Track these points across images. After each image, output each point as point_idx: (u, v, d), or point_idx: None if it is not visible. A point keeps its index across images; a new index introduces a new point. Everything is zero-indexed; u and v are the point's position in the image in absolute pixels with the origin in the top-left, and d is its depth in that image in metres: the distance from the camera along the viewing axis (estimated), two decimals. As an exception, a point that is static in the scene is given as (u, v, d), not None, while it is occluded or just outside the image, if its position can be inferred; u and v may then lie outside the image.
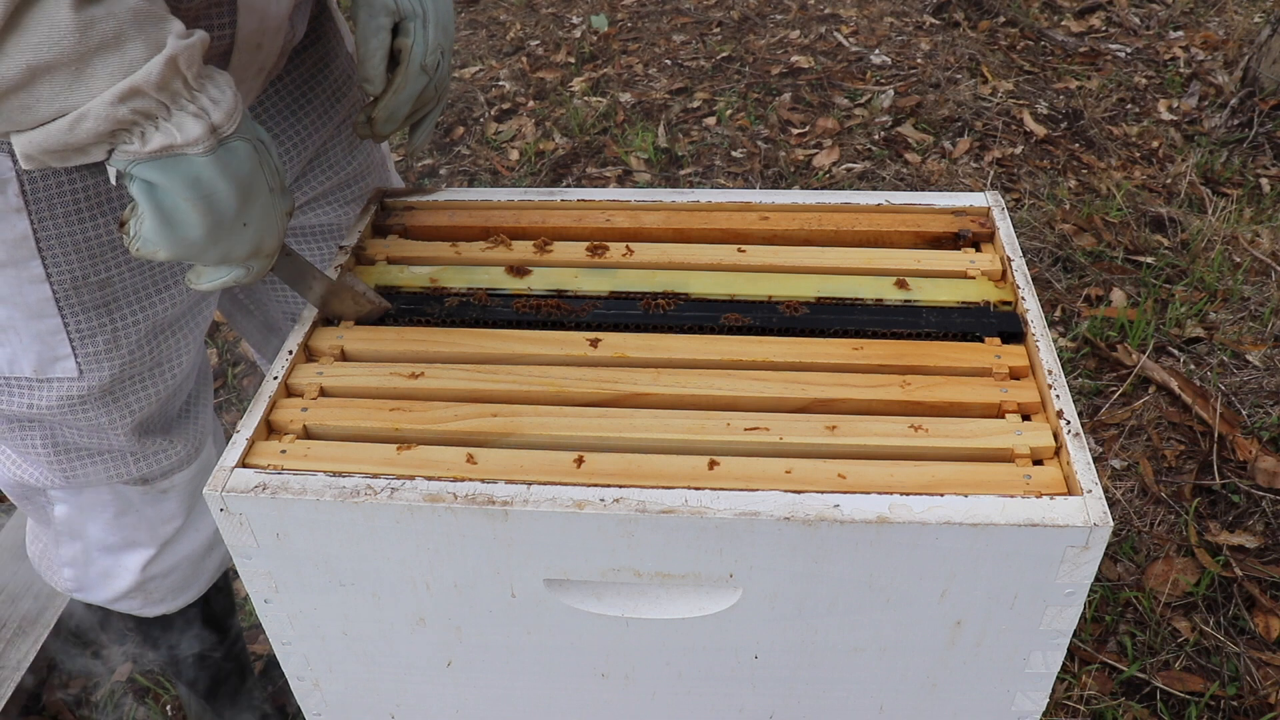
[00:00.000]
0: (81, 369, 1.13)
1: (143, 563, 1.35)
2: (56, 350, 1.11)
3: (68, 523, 1.31)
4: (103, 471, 1.24)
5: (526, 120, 3.65)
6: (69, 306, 1.09)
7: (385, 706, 1.10)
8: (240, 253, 0.94)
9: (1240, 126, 3.43)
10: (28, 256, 1.05)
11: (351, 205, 1.37)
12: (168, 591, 1.41)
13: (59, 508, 1.30)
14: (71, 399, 1.15)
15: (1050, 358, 0.99)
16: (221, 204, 0.88)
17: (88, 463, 1.23)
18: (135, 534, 1.32)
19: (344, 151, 1.34)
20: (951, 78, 3.76)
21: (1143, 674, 1.86)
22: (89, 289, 1.09)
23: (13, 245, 1.03)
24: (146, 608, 1.42)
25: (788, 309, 1.09)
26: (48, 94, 0.80)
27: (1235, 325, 2.63)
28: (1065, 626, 0.92)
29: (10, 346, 1.11)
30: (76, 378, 1.13)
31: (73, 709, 1.88)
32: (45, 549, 1.38)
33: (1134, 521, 2.14)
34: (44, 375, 1.13)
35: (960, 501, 0.85)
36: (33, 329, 1.09)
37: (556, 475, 0.90)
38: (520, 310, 1.10)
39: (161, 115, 0.84)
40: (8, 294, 1.07)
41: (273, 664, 1.89)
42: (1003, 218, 1.19)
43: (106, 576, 1.36)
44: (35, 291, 1.07)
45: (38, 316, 1.09)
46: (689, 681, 1.02)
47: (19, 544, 2.00)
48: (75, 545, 1.33)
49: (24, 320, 1.09)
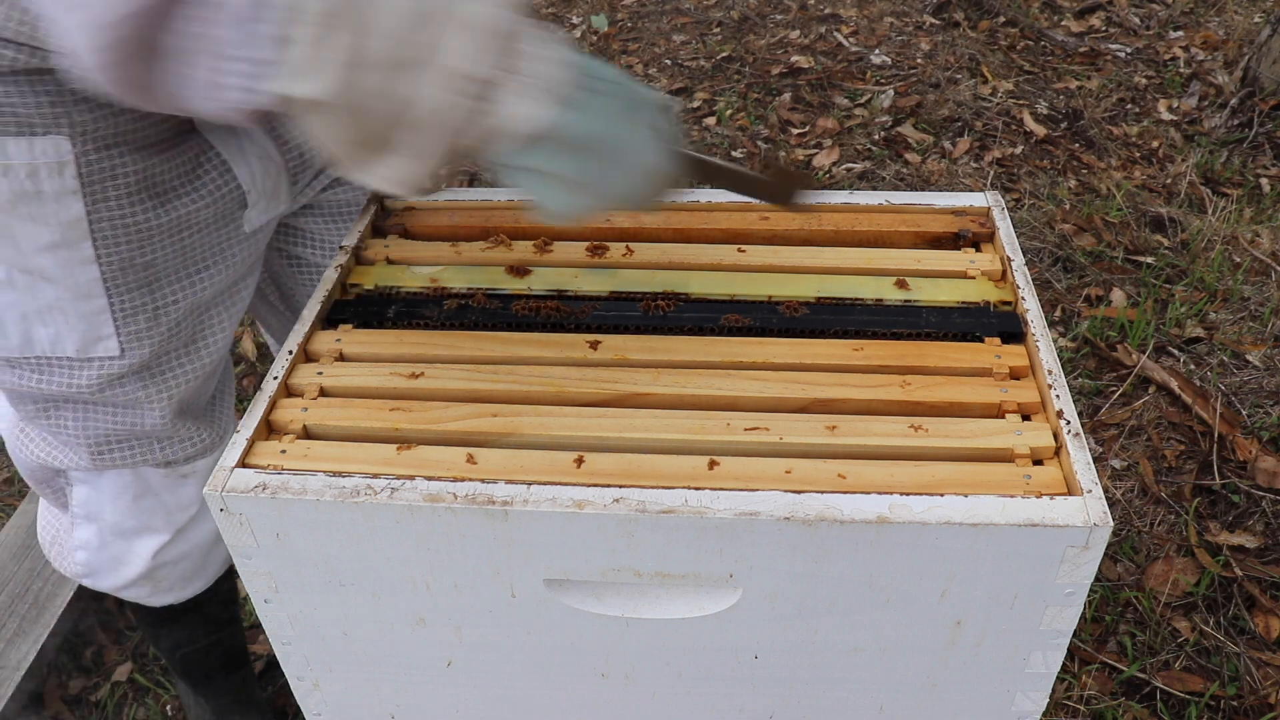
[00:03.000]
0: (123, 348, 1.14)
1: (155, 549, 1.35)
2: (100, 330, 1.13)
3: (85, 505, 1.32)
4: (131, 453, 1.25)
5: (526, 120, 3.64)
6: (115, 287, 1.11)
7: (385, 707, 1.10)
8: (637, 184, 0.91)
9: (1240, 126, 3.43)
10: (80, 238, 1.06)
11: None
12: (176, 580, 1.41)
13: (78, 489, 1.31)
14: (111, 377, 1.16)
15: (1050, 358, 0.99)
16: (592, 158, 0.87)
17: (117, 444, 1.24)
18: (151, 519, 1.33)
19: None
20: (951, 78, 3.76)
21: (1143, 674, 1.86)
22: (135, 270, 1.11)
23: (67, 227, 1.05)
24: (154, 596, 1.42)
25: (788, 309, 1.09)
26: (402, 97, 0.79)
27: (1235, 325, 2.63)
28: (1065, 626, 0.92)
29: (55, 326, 1.12)
30: (118, 356, 1.15)
31: (73, 709, 1.88)
32: (58, 534, 1.39)
33: (1134, 521, 2.14)
34: (86, 355, 1.14)
35: (960, 501, 0.85)
36: (79, 309, 1.11)
37: (556, 475, 0.90)
38: (520, 312, 1.10)
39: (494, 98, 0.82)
40: (58, 275, 1.08)
41: (273, 664, 1.90)
42: (1003, 218, 1.20)
43: (118, 562, 1.37)
44: (85, 273, 1.08)
45: (85, 297, 1.10)
46: (689, 681, 1.02)
47: (19, 544, 2.00)
48: (90, 528, 1.34)
49: (71, 301, 1.10)
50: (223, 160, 1.14)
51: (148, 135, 1.06)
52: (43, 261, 1.07)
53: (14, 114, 0.97)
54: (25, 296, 1.10)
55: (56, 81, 0.97)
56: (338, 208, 1.36)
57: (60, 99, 0.98)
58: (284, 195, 1.25)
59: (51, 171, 1.00)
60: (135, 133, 1.05)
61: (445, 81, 0.79)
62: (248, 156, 1.17)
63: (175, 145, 1.10)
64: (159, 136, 1.08)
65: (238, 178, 1.16)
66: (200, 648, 1.63)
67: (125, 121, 1.03)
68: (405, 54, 0.78)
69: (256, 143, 1.18)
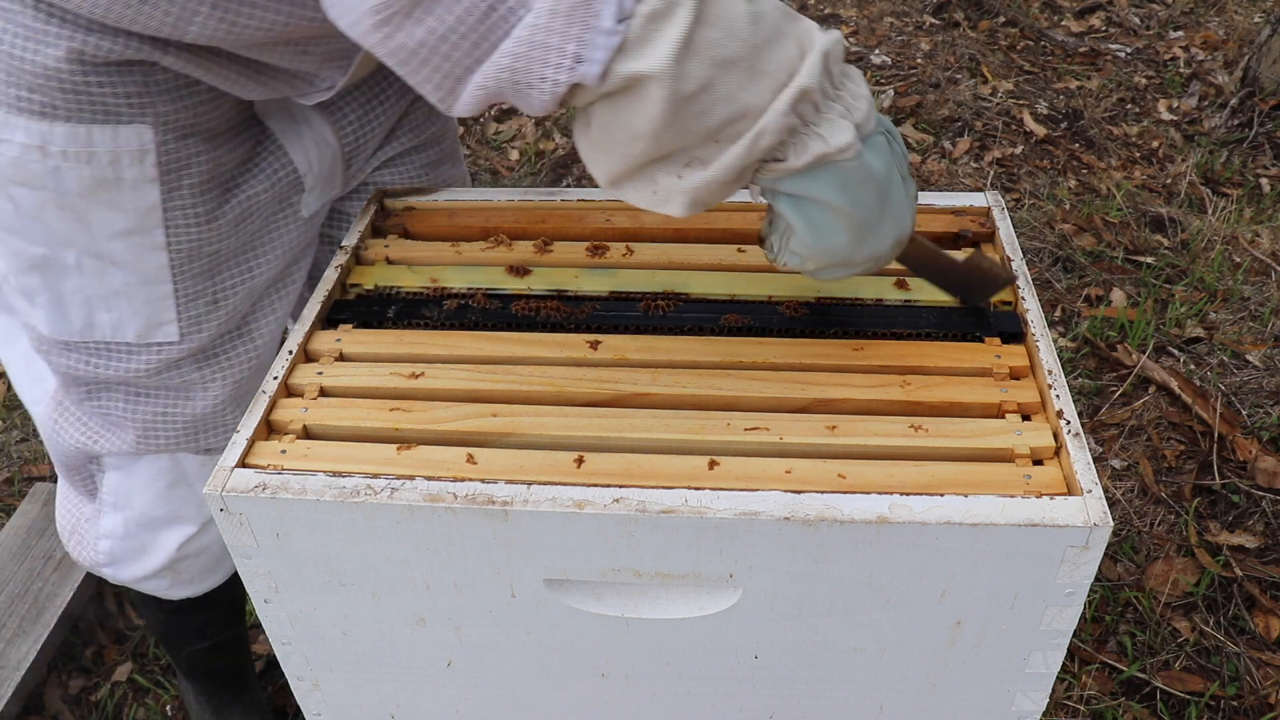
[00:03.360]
0: (183, 333, 1.17)
1: (181, 540, 1.36)
2: (162, 316, 1.15)
3: (115, 492, 1.32)
4: (176, 438, 1.26)
5: (526, 120, 3.65)
6: (181, 274, 1.13)
7: (385, 707, 1.10)
8: (884, 248, 0.91)
9: (1240, 126, 3.43)
10: (153, 225, 1.08)
11: (425, 168, 1.39)
12: (196, 573, 1.42)
13: (110, 476, 1.31)
14: (167, 362, 1.18)
15: (1050, 358, 0.99)
16: (868, 205, 0.85)
17: (163, 427, 1.25)
18: (182, 508, 1.34)
19: (426, 113, 1.36)
20: (951, 78, 3.76)
21: (1143, 674, 1.86)
22: (201, 258, 1.13)
23: (142, 214, 1.07)
24: (174, 588, 1.43)
25: (788, 309, 1.09)
26: (725, 94, 0.76)
27: (1235, 325, 2.63)
28: (1065, 626, 0.92)
29: (118, 312, 1.14)
30: (177, 341, 1.17)
31: (73, 709, 1.88)
32: (79, 523, 1.39)
33: (1134, 521, 2.14)
34: (146, 340, 1.16)
35: (960, 501, 0.85)
36: (145, 295, 1.13)
37: (556, 475, 0.90)
38: (520, 312, 1.10)
39: (813, 121, 0.80)
40: (128, 261, 1.10)
41: (273, 664, 1.90)
42: (1003, 218, 1.19)
43: (142, 551, 1.37)
44: (154, 259, 1.11)
45: (152, 283, 1.12)
46: (689, 681, 1.02)
47: (19, 544, 2.00)
48: (118, 517, 1.34)
49: (138, 286, 1.12)
50: (279, 145, 1.17)
51: (218, 124, 1.09)
52: (114, 247, 1.09)
53: (102, 103, 1.00)
54: (92, 281, 1.12)
55: (143, 72, 1.00)
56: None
57: (146, 89, 1.01)
58: (338, 180, 1.27)
59: (133, 159, 1.03)
60: (209, 122, 1.07)
61: (776, 89, 0.77)
62: (304, 142, 1.19)
63: (239, 134, 1.13)
64: (227, 125, 1.11)
65: (294, 162, 1.18)
66: (208, 647, 1.64)
67: (202, 112, 1.06)
68: (738, 52, 0.75)
69: (314, 128, 1.20)
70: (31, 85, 0.97)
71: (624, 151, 0.80)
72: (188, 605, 1.50)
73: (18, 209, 1.06)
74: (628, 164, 0.81)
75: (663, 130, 0.77)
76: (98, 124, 1.00)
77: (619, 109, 0.78)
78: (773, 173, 0.82)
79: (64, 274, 1.11)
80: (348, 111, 1.24)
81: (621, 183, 0.84)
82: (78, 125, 1.00)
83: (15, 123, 0.99)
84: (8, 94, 0.98)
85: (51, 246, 1.09)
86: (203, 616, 1.58)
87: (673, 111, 0.76)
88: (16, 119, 0.99)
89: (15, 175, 1.02)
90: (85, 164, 1.02)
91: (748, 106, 0.77)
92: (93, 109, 1.00)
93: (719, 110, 0.77)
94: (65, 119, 0.99)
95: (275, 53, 1.03)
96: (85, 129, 1.00)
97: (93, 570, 1.42)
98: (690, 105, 0.76)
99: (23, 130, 1.00)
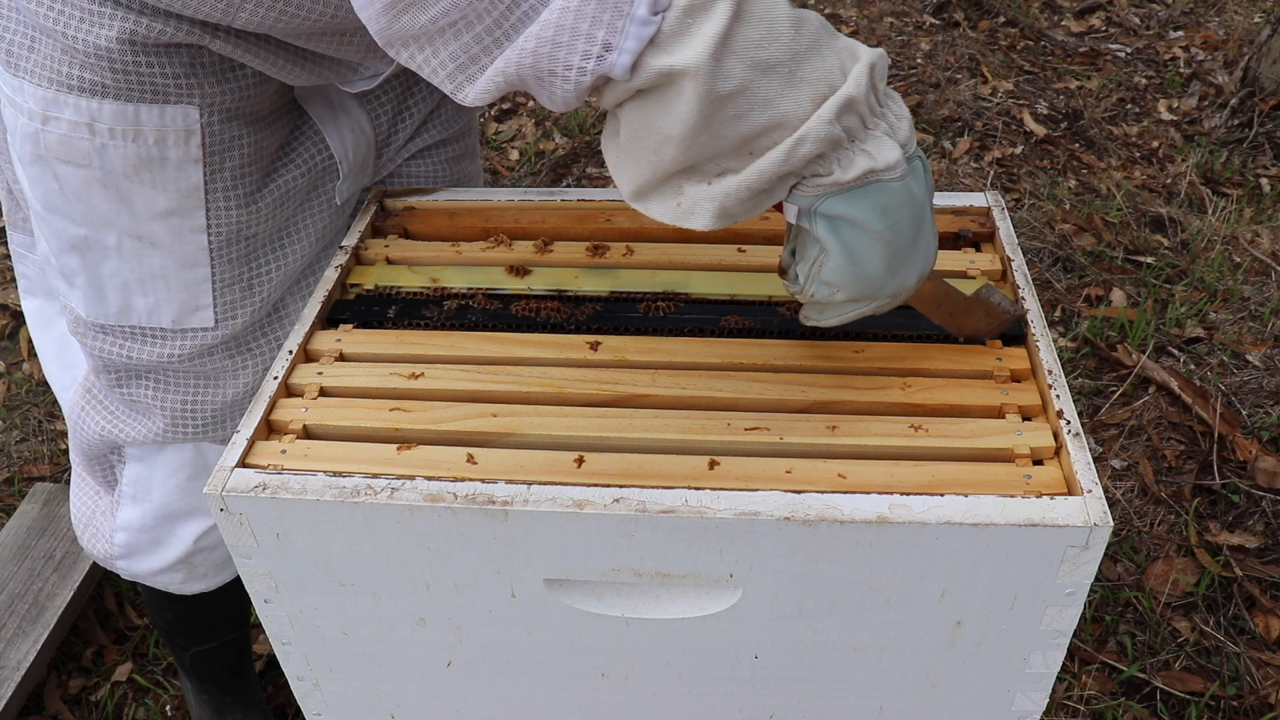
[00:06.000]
0: (217, 319, 1.17)
1: (198, 533, 1.36)
2: (199, 300, 1.16)
3: (135, 484, 1.32)
4: (203, 427, 1.26)
5: (526, 120, 3.65)
6: (219, 258, 1.14)
7: (385, 706, 1.10)
8: (911, 281, 0.86)
9: (1240, 126, 3.43)
10: (195, 207, 1.10)
11: (450, 162, 1.40)
12: (211, 567, 1.42)
13: (131, 467, 1.32)
14: (201, 348, 1.19)
15: (1050, 358, 0.99)
16: (905, 232, 0.81)
17: (192, 415, 1.25)
18: (201, 500, 1.34)
19: (455, 108, 1.36)
20: (951, 78, 3.76)
21: (1143, 674, 1.86)
22: (239, 242, 1.14)
23: (185, 195, 1.09)
24: (187, 583, 1.43)
25: (788, 310, 1.09)
26: (762, 99, 0.72)
27: (1235, 325, 2.63)
28: (1065, 626, 0.92)
29: (155, 296, 1.15)
30: (211, 327, 1.18)
31: (73, 709, 1.88)
32: (94, 516, 1.39)
33: (1134, 521, 2.14)
34: (181, 325, 1.17)
35: (960, 501, 0.85)
36: (182, 278, 1.14)
37: (556, 475, 0.90)
38: (520, 313, 1.10)
39: (859, 136, 0.76)
40: (168, 242, 1.11)
41: (273, 664, 1.90)
42: (1003, 218, 1.19)
43: (158, 544, 1.37)
44: (194, 241, 1.12)
45: (190, 266, 1.13)
46: (689, 681, 1.02)
47: (19, 544, 2.00)
48: (136, 509, 1.34)
49: (176, 269, 1.13)
50: (317, 131, 1.18)
51: (261, 108, 1.10)
52: (155, 228, 1.10)
53: (151, 83, 1.01)
54: (130, 263, 1.13)
55: (191, 54, 1.02)
56: (415, 180, 1.39)
57: (193, 70, 1.03)
58: (370, 169, 1.28)
59: (179, 139, 1.05)
60: (253, 105, 1.08)
61: (816, 99, 0.73)
62: (341, 129, 1.20)
63: (280, 118, 1.14)
64: (270, 109, 1.12)
65: (330, 148, 1.19)
66: (213, 646, 1.64)
67: (247, 95, 1.07)
68: (779, 56, 0.72)
69: (352, 116, 1.21)
70: (84, 64, 1.00)
71: (653, 158, 0.76)
72: (198, 601, 1.50)
73: (62, 188, 1.07)
74: (656, 171, 0.77)
75: (695, 133, 0.73)
76: (145, 103, 1.02)
77: (649, 109, 0.74)
78: (816, 188, 0.78)
79: (103, 256, 1.12)
80: (385, 101, 1.26)
81: (647, 194, 0.80)
82: (125, 104, 1.02)
83: (65, 100, 1.02)
84: (60, 73, 1.01)
85: (93, 227, 1.10)
86: (212, 613, 1.57)
87: (707, 113, 0.72)
88: (66, 97, 1.01)
89: (62, 153, 1.04)
90: (131, 142, 1.04)
91: (786, 115, 0.73)
92: (140, 88, 1.01)
93: (755, 116, 0.73)
94: (114, 97, 1.02)
95: (321, 41, 1.04)
96: (133, 107, 1.02)
97: (105, 564, 1.42)
98: (725, 107, 0.72)
99: (71, 108, 1.02)
